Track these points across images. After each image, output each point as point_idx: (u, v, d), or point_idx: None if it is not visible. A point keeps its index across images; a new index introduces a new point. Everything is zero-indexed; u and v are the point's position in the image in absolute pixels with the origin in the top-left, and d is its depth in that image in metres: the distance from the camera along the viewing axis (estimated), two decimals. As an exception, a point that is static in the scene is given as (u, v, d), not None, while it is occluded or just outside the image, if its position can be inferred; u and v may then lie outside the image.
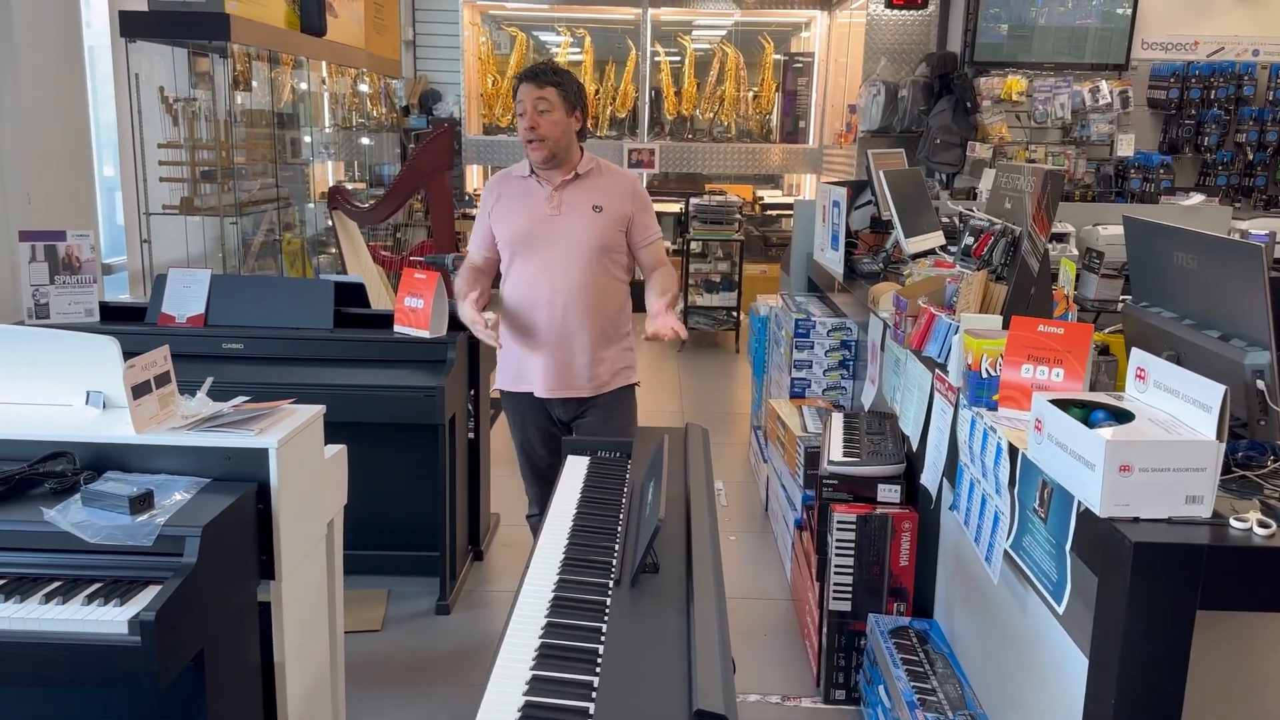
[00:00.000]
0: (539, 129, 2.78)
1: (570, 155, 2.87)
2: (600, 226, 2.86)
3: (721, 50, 9.16)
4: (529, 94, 2.78)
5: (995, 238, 2.52)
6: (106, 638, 1.64)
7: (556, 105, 2.78)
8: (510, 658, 1.53)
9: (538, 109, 2.77)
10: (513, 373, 2.98)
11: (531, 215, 2.87)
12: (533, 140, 2.79)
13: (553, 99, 2.78)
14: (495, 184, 2.98)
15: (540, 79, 2.80)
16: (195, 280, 3.38)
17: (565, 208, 2.86)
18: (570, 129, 2.84)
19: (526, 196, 2.89)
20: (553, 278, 2.86)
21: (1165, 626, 1.54)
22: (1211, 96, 6.32)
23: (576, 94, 2.83)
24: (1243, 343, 1.82)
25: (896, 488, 2.86)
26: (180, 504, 1.84)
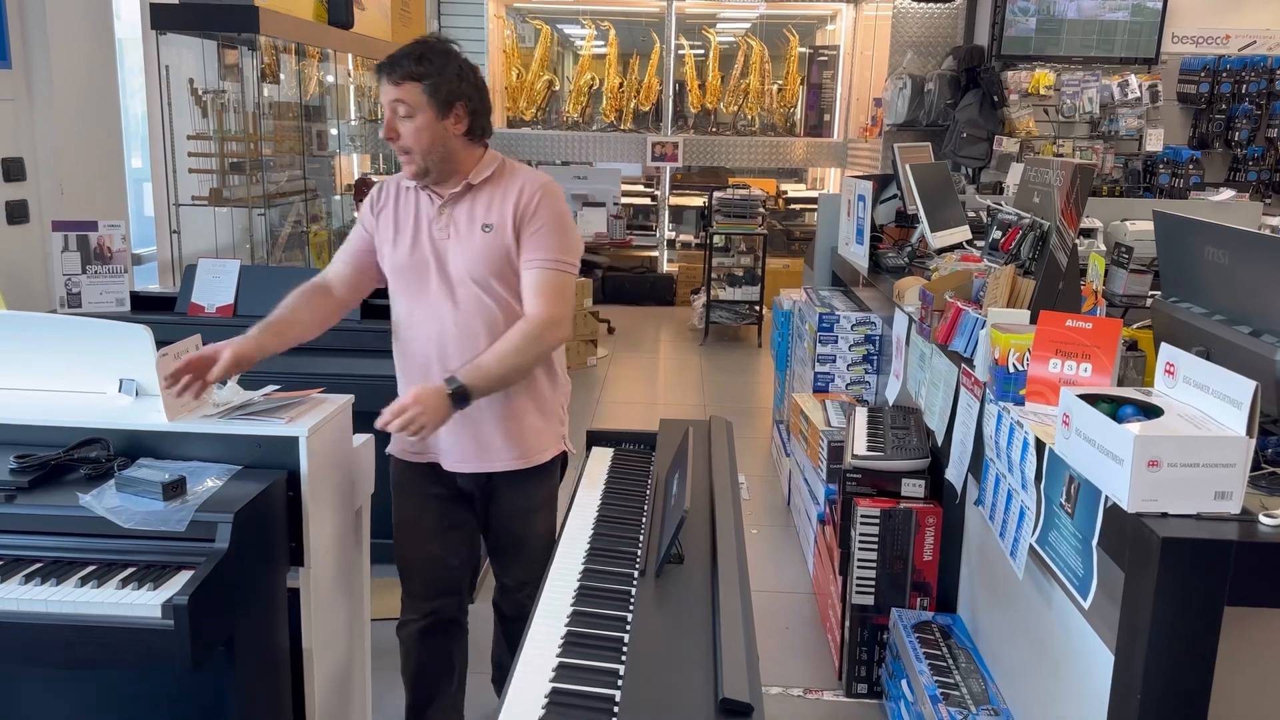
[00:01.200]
0: (400, 139, 2.11)
1: (456, 164, 2.17)
2: (491, 252, 2.16)
3: (746, 43, 9.14)
4: (384, 94, 2.12)
5: (1024, 232, 2.51)
6: (140, 621, 1.67)
7: (421, 106, 2.08)
8: (537, 645, 1.55)
9: (396, 113, 2.10)
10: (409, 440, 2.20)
11: (416, 238, 2.20)
12: (400, 153, 2.14)
13: (415, 99, 2.08)
14: (384, 188, 2.29)
15: (395, 72, 2.09)
16: (225, 270, 3.42)
17: (454, 229, 2.18)
18: (446, 134, 2.12)
19: (415, 214, 2.22)
20: (442, 321, 2.19)
21: (1192, 622, 1.53)
22: (1243, 91, 6.25)
23: (454, 85, 2.11)
24: (1274, 338, 1.81)
25: (921, 482, 2.86)
26: (212, 490, 1.87)
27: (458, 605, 2.43)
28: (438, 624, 2.39)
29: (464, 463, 2.28)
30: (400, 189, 2.26)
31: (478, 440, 2.26)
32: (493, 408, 2.22)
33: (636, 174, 10.03)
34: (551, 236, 2.18)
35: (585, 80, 9.26)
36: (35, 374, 2.18)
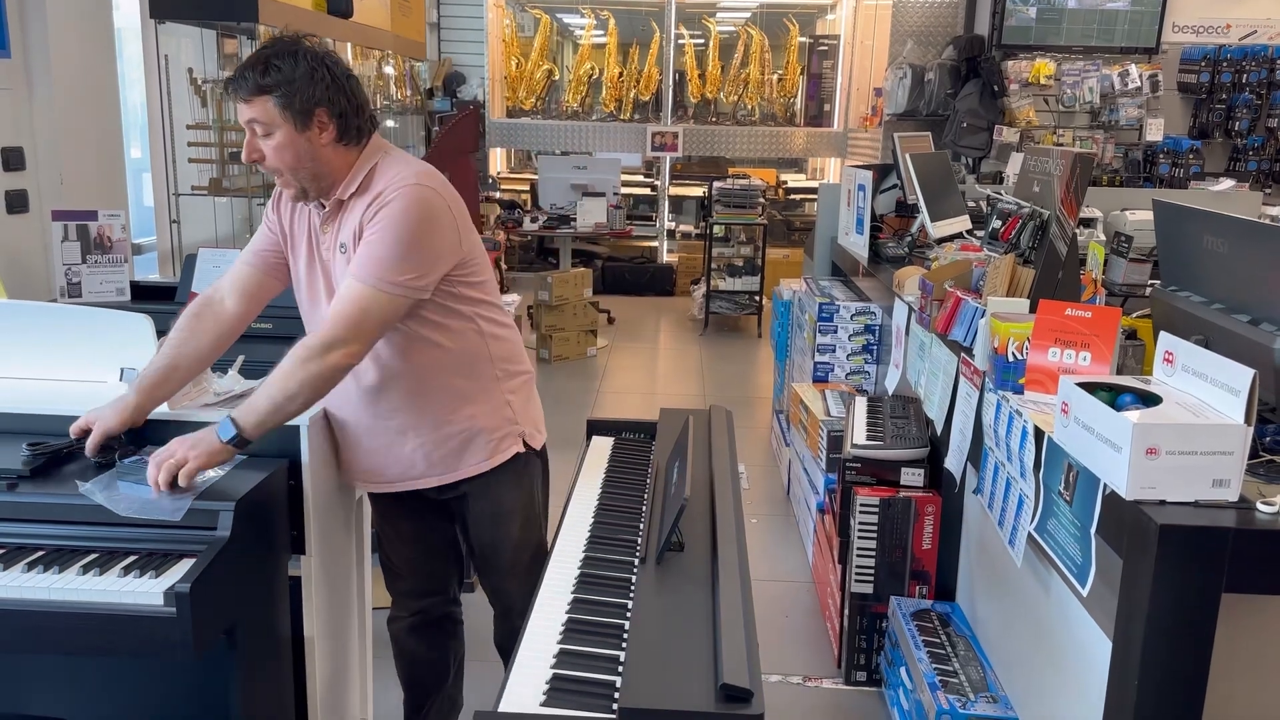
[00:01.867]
0: (265, 159, 1.89)
1: (334, 176, 1.93)
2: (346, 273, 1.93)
3: (746, 33, 9.12)
4: (240, 112, 1.89)
5: (1023, 221, 2.51)
6: (142, 608, 1.67)
7: (276, 121, 1.85)
8: (538, 632, 1.56)
9: (254, 132, 1.88)
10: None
11: (310, 255, 2.03)
12: (275, 175, 1.93)
13: (268, 114, 1.85)
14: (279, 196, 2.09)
15: (242, 87, 1.85)
16: (225, 260, 3.41)
17: (327, 251, 2.00)
18: (313, 147, 1.88)
19: (308, 225, 2.04)
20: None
21: (1190, 609, 1.54)
22: (1243, 80, 6.23)
23: (308, 90, 1.85)
24: (1273, 327, 1.81)
25: (920, 471, 2.86)
26: (213, 479, 1.87)
27: (445, 602, 2.38)
28: (428, 620, 2.36)
29: (389, 484, 2.15)
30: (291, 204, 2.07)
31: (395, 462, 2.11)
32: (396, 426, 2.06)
33: (636, 164, 10.03)
34: (380, 248, 1.86)
35: (585, 70, 9.24)
36: (36, 363, 2.18)
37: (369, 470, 2.14)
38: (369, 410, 2.07)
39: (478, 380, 2.10)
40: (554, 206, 7.55)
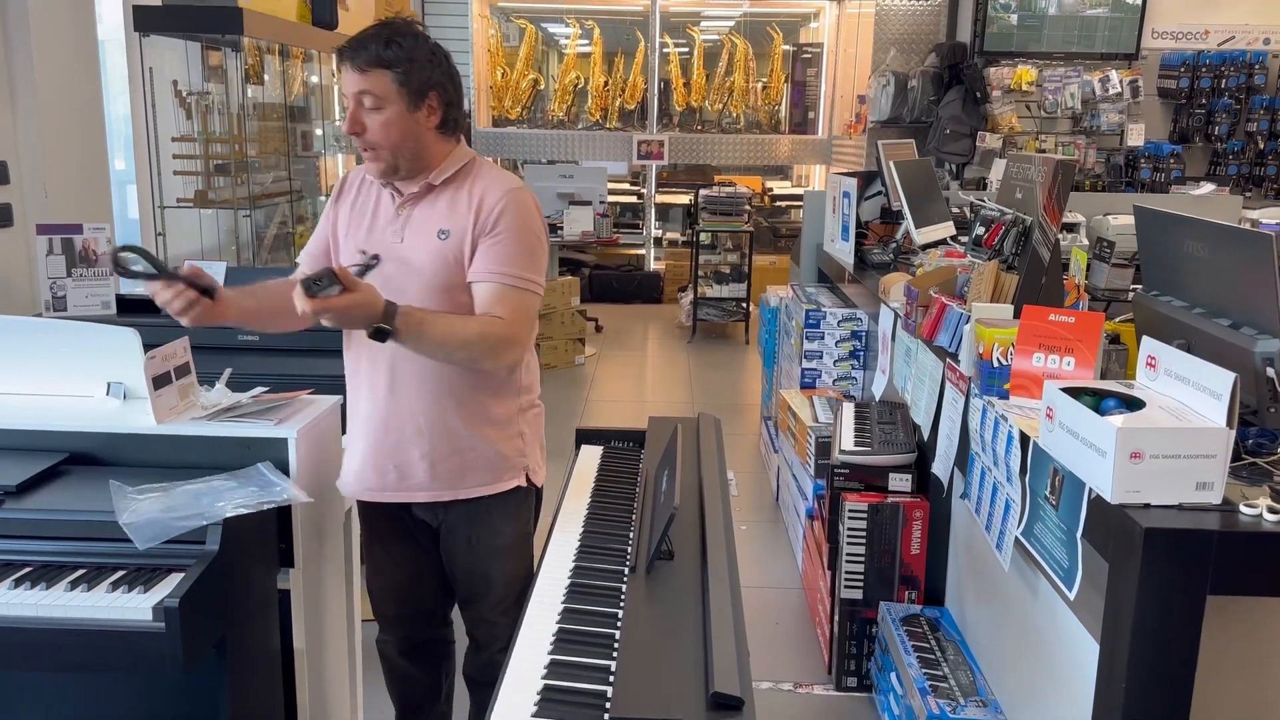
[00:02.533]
0: (366, 132, 1.90)
1: (426, 160, 1.97)
2: (443, 259, 1.95)
3: (730, 41, 9.16)
4: (349, 82, 1.89)
5: (1006, 228, 2.53)
6: (131, 624, 1.67)
7: (391, 97, 1.88)
8: (529, 642, 1.56)
9: (361, 104, 1.89)
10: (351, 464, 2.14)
11: (370, 237, 2.02)
12: (365, 148, 1.93)
13: (384, 88, 1.87)
14: (348, 181, 2.12)
15: (360, 57, 1.86)
16: (211, 272, 3.41)
17: (408, 232, 1.99)
18: (419, 128, 1.92)
19: (374, 211, 2.04)
20: (373, 350, 2.01)
21: (1176, 611, 1.55)
22: (1222, 85, 6.30)
23: (427, 73, 1.90)
24: (1253, 330, 1.83)
25: (908, 477, 2.88)
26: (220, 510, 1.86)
27: (435, 627, 2.32)
28: (416, 644, 2.31)
29: (376, 491, 2.10)
30: (364, 181, 2.09)
31: (397, 466, 2.06)
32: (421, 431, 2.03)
33: (623, 172, 10.05)
34: (511, 248, 1.94)
35: (570, 79, 9.26)
36: (22, 378, 2.18)
37: (369, 474, 2.08)
38: (399, 399, 2.03)
39: (502, 403, 2.08)
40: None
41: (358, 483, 2.12)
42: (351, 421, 2.12)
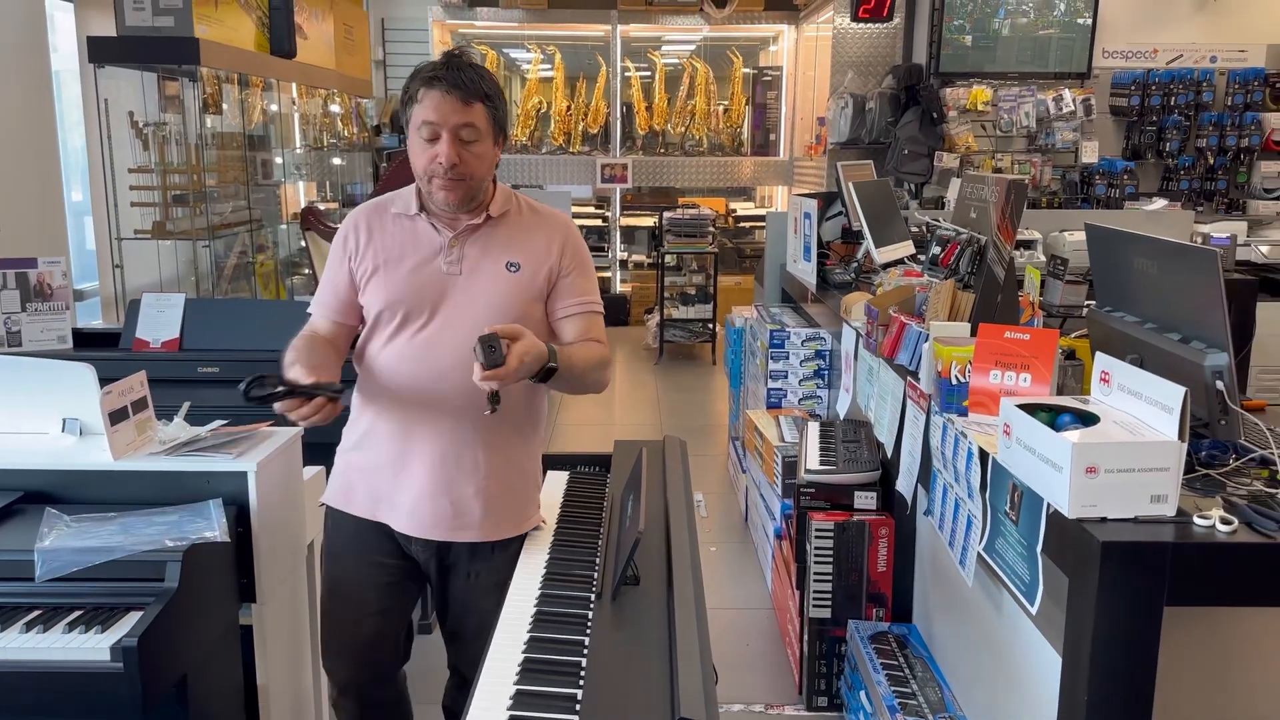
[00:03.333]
0: (463, 165, 1.89)
1: (486, 194, 2.00)
2: (517, 291, 1.97)
3: (691, 65, 9.24)
4: (450, 113, 1.86)
5: (961, 247, 2.57)
6: (89, 665, 1.64)
7: (486, 131, 1.91)
8: (494, 673, 1.55)
9: (459, 136, 1.88)
10: (360, 492, 2.05)
11: (420, 273, 1.96)
12: (450, 179, 1.90)
13: (483, 123, 1.90)
14: (362, 219, 2.04)
15: (466, 90, 1.86)
16: (169, 304, 3.37)
17: (469, 264, 1.97)
18: (495, 162, 1.98)
19: (413, 244, 1.99)
20: (442, 364, 1.93)
21: (1134, 623, 1.57)
22: (1172, 103, 6.44)
23: (504, 110, 1.96)
24: (1202, 345, 1.87)
25: (873, 494, 2.90)
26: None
27: (387, 677, 2.20)
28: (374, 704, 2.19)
29: (429, 529, 2.00)
30: (376, 221, 2.02)
31: (453, 503, 1.99)
32: (478, 466, 2.00)
33: (587, 196, 10.07)
34: (587, 279, 2.08)
35: (533, 104, 9.29)
36: (-25, 416, 2.14)
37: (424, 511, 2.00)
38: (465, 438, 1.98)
39: (537, 433, 2.15)
40: (505, 240, 7.54)
41: (410, 520, 2.01)
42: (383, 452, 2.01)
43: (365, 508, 2.05)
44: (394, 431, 2.01)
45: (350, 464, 2.07)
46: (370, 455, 2.04)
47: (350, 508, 2.06)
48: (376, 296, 1.98)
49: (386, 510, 2.03)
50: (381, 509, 2.04)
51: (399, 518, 2.02)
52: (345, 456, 2.08)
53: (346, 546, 2.08)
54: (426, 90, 1.87)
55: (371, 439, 2.04)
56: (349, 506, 2.06)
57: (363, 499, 2.05)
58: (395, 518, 2.02)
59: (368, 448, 2.04)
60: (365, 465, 2.04)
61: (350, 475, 2.07)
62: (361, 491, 2.05)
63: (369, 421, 2.04)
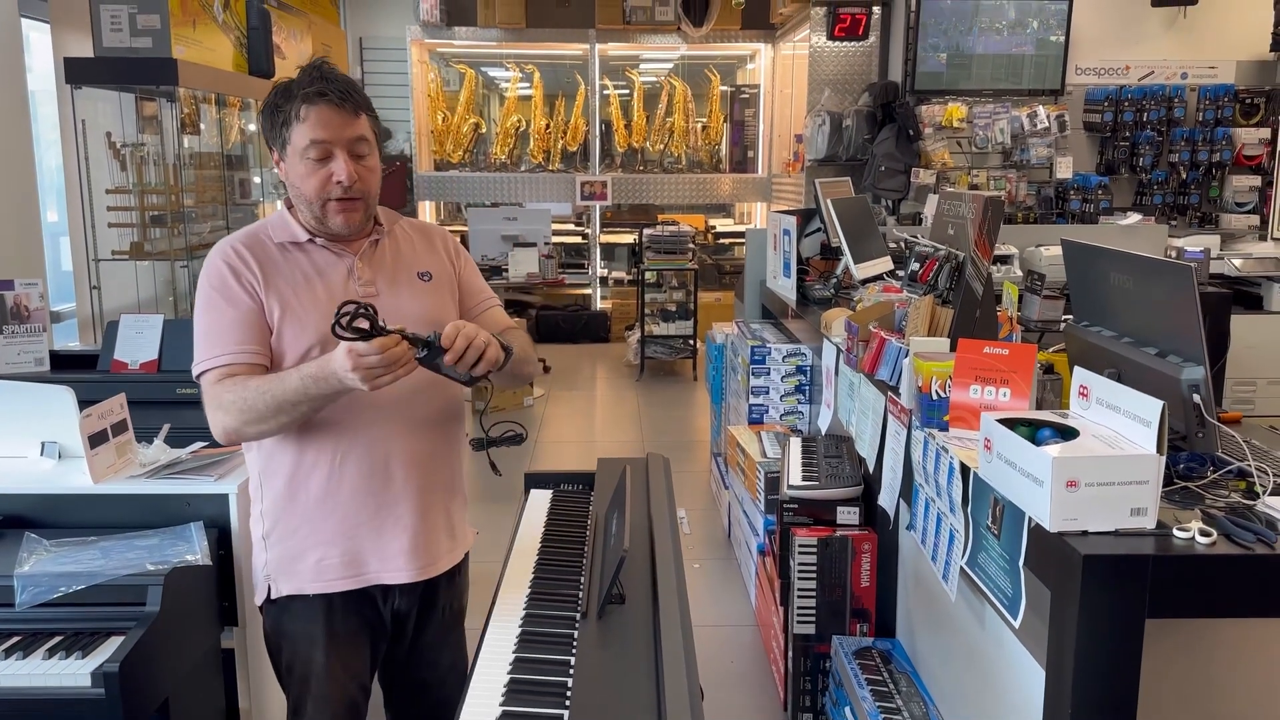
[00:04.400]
0: (361, 182, 1.77)
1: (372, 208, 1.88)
2: (438, 299, 1.91)
3: (669, 83, 9.29)
4: (341, 127, 1.74)
5: (940, 263, 2.59)
6: (69, 691, 1.63)
7: (374, 145, 1.82)
8: (480, 696, 1.54)
9: (354, 151, 1.76)
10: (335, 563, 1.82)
11: (336, 301, 1.65)
12: (349, 199, 1.77)
13: (370, 135, 1.80)
14: (242, 253, 1.79)
15: (356, 103, 1.75)
16: (147, 326, 3.35)
17: (383, 282, 1.86)
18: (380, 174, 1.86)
19: (316, 273, 1.81)
20: (403, 384, 1.69)
21: (1117, 634, 1.58)
22: (1144, 119, 6.52)
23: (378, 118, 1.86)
24: (1178, 359, 1.89)
25: (855, 509, 2.91)
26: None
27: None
28: None
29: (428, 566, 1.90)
30: (260, 254, 1.80)
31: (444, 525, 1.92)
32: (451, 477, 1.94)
33: (567, 213, 10.09)
34: (479, 274, 2.05)
35: (511, 122, 9.31)
36: (-49, 440, 2.12)
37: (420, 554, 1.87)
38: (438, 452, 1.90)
39: (462, 434, 2.01)
40: (485, 258, 7.56)
41: (409, 564, 1.86)
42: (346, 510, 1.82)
43: (346, 578, 1.83)
44: (366, 474, 1.82)
45: (306, 541, 1.82)
46: (337, 516, 1.82)
47: (327, 587, 1.83)
48: (298, 338, 1.77)
49: (375, 567, 1.85)
50: (369, 569, 1.84)
51: (393, 569, 1.86)
52: (293, 538, 1.82)
53: (339, 625, 1.86)
54: (310, 107, 1.72)
55: (334, 497, 1.81)
56: (325, 587, 1.83)
57: (339, 569, 1.82)
58: (387, 571, 1.86)
59: (330, 510, 1.81)
60: (334, 530, 1.82)
61: (311, 553, 1.82)
62: (336, 561, 1.82)
63: (323, 481, 1.81)
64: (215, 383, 1.71)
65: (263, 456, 1.83)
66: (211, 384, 1.72)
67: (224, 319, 1.74)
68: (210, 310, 1.75)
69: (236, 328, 1.74)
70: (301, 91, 1.73)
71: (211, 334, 1.75)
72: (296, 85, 1.74)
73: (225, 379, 1.71)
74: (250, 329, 1.75)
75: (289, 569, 1.82)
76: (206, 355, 1.74)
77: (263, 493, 1.84)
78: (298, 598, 1.83)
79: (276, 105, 1.75)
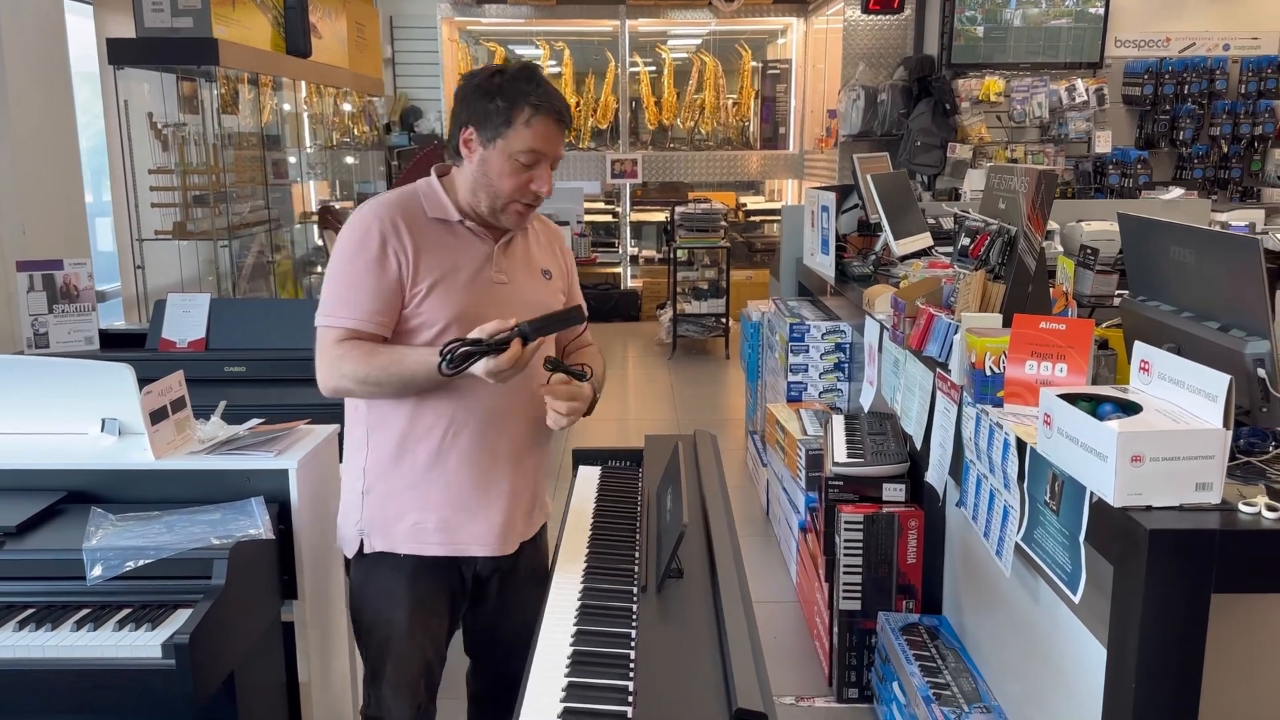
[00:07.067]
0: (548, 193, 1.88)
1: None
2: (556, 298, 1.99)
3: (699, 59, 9.23)
4: (556, 143, 1.83)
5: (992, 238, 2.56)
6: (140, 662, 1.66)
7: None
8: (544, 666, 1.56)
9: (553, 166, 1.87)
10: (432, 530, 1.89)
11: (475, 284, 1.85)
12: (529, 206, 1.87)
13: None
14: (397, 222, 1.82)
15: (566, 121, 1.84)
16: (195, 305, 3.39)
17: (512, 274, 1.92)
18: None
19: (463, 253, 1.87)
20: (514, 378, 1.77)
21: (1182, 610, 1.57)
22: (1185, 91, 6.43)
23: None
24: (1242, 333, 1.87)
25: (901, 486, 2.90)
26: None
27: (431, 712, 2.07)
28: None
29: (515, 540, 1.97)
30: (413, 225, 1.84)
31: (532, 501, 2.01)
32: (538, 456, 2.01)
33: (597, 192, 10.07)
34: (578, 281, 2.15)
35: (541, 100, 9.28)
36: (15, 417, 2.15)
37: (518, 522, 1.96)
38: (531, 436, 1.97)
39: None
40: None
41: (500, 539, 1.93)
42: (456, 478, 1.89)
43: (438, 544, 1.89)
44: (475, 448, 1.88)
45: (406, 504, 1.88)
46: (440, 484, 1.88)
47: (420, 549, 1.89)
48: (439, 312, 1.82)
49: (466, 538, 1.90)
50: (461, 538, 1.90)
51: (484, 543, 1.92)
52: (394, 499, 1.88)
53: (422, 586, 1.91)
54: (537, 116, 1.78)
55: (442, 465, 1.87)
56: (417, 549, 1.89)
57: (433, 534, 1.88)
58: (478, 544, 1.91)
59: (435, 478, 1.87)
60: (435, 499, 1.88)
61: (410, 515, 1.88)
62: (431, 527, 1.88)
63: (433, 448, 1.86)
64: (336, 342, 1.78)
65: (374, 414, 1.88)
66: (332, 342, 1.79)
67: (364, 283, 1.79)
68: (350, 268, 1.80)
69: (373, 297, 1.79)
70: (532, 100, 1.78)
71: (346, 294, 1.79)
72: (525, 88, 1.78)
73: (346, 342, 1.78)
74: (384, 299, 1.80)
75: (385, 528, 1.88)
76: (336, 313, 1.80)
77: (368, 448, 1.89)
78: (388, 555, 1.89)
79: (496, 96, 1.78)
